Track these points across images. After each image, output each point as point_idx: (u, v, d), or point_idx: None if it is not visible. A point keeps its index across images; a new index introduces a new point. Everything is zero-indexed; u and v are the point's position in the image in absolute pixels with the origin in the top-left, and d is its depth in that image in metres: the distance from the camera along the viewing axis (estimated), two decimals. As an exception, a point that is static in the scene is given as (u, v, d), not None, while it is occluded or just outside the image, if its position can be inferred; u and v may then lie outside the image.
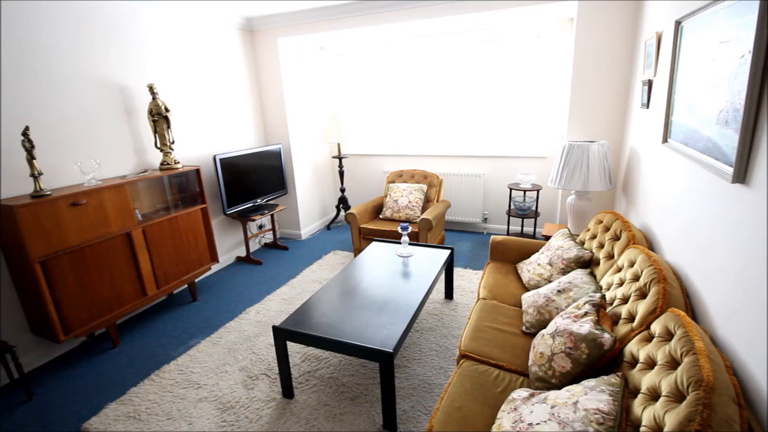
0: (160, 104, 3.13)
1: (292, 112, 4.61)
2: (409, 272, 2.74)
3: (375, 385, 2.27)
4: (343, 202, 5.15)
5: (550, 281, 2.36)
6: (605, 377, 1.36)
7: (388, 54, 4.79)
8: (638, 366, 1.37)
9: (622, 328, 1.63)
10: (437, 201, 4.20)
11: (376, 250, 3.18)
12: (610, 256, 2.21)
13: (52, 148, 2.67)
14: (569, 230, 2.64)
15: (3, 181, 2.43)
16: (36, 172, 2.39)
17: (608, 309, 1.81)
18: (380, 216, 4.25)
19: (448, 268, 3.10)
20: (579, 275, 2.09)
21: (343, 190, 5.11)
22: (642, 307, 1.60)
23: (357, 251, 4.01)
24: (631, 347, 1.47)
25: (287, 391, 2.21)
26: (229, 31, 4.11)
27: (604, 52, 3.19)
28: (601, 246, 2.35)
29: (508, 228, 4.32)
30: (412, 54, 4.67)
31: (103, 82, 2.94)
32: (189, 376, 2.44)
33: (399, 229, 3.01)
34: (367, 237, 3.92)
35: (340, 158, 4.92)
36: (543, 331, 1.78)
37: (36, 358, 2.66)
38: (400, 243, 3.28)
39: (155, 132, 3.18)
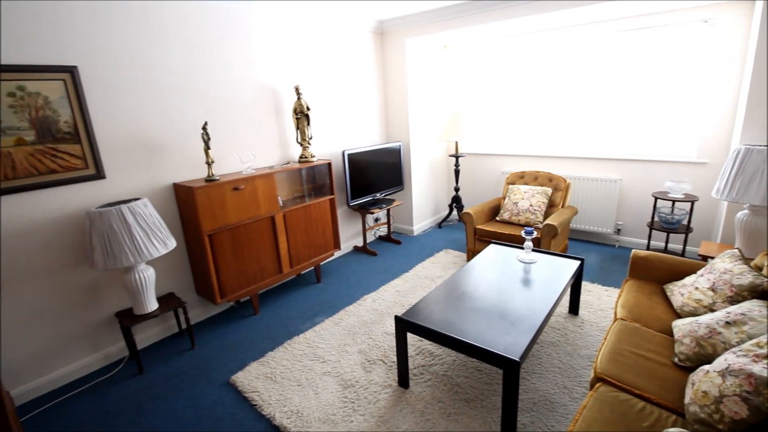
0: (303, 103, 3.48)
1: (413, 110, 4.71)
2: (532, 280, 2.59)
3: (491, 392, 2.21)
4: (456, 201, 5.11)
5: (712, 310, 2.01)
6: (803, 437, 1.11)
7: (511, 50, 4.57)
8: None
9: (827, 381, 1.31)
10: (563, 206, 3.89)
11: (494, 252, 3.07)
12: (805, 289, 1.79)
13: (220, 140, 3.16)
14: (740, 251, 2.20)
15: (179, 167, 2.95)
16: (210, 160, 2.87)
17: (804, 354, 1.47)
18: (497, 218, 4.10)
19: (576, 280, 2.85)
20: (756, 307, 1.74)
21: (457, 189, 5.07)
22: None
23: (470, 252, 3.94)
24: (843, 407, 1.17)
25: (403, 381, 2.28)
26: (363, 34, 4.36)
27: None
28: (790, 275, 1.92)
29: (649, 242, 3.78)
30: (536, 50, 4.38)
31: (260, 84, 3.38)
32: (315, 350, 2.69)
33: (522, 233, 2.87)
34: (482, 238, 3.83)
35: (456, 157, 4.89)
36: (706, 367, 1.52)
37: (198, 314, 3.21)
38: (519, 247, 3.12)
39: (297, 128, 3.55)
